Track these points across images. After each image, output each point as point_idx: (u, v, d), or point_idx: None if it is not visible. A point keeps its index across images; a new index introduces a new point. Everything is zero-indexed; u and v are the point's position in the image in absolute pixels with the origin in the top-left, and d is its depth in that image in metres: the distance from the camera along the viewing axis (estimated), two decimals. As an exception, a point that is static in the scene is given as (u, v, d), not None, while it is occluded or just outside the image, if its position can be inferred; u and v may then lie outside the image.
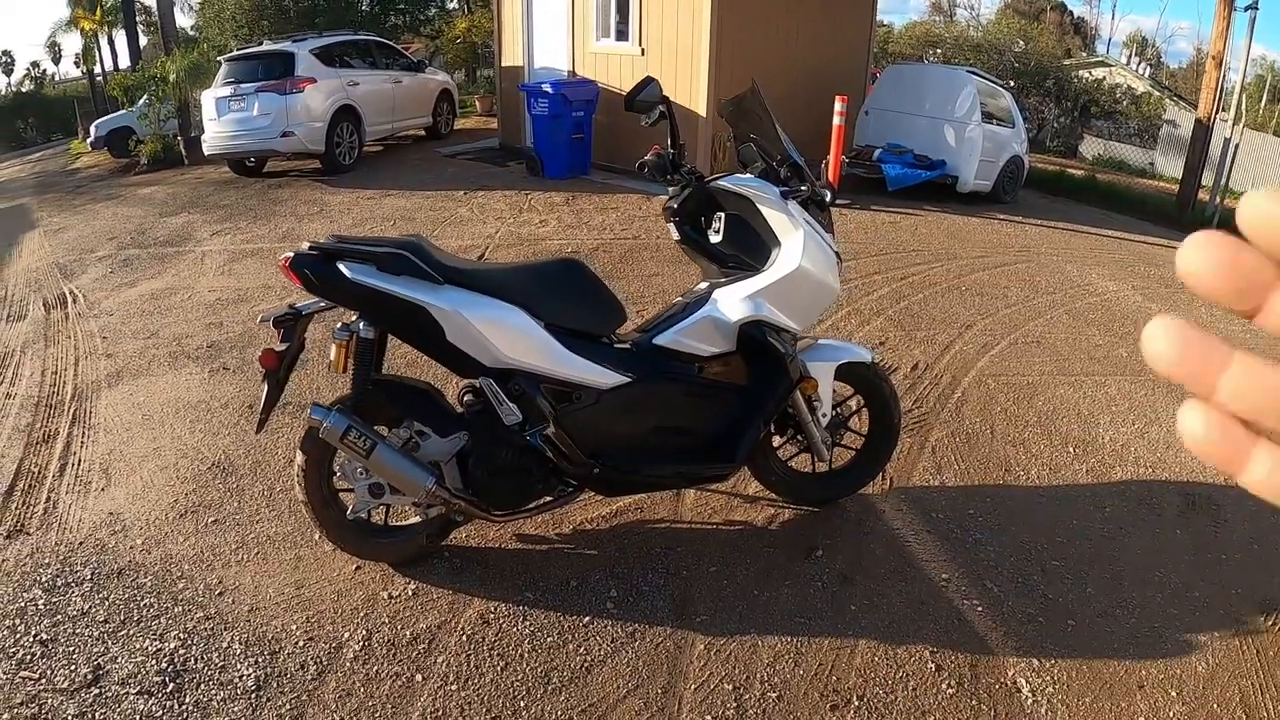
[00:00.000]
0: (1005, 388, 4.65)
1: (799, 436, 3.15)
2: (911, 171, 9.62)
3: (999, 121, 10.17)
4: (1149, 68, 31.72)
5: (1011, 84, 16.69)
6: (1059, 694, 2.48)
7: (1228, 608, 2.93)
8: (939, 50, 22.81)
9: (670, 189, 2.95)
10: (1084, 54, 28.23)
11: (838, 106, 8.73)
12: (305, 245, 2.57)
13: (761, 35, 9.68)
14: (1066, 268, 7.45)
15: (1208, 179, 11.73)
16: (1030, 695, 2.47)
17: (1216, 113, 11.58)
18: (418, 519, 2.89)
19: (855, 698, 2.43)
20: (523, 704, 2.38)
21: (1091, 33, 38.33)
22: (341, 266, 2.51)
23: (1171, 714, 2.44)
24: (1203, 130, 11.56)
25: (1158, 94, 21.54)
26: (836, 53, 10.92)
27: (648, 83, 2.79)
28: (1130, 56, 29.69)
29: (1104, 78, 21.56)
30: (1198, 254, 0.31)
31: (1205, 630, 2.80)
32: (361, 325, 2.62)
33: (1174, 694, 2.51)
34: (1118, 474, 3.83)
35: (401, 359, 4.22)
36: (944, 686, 2.49)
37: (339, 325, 2.65)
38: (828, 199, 3.04)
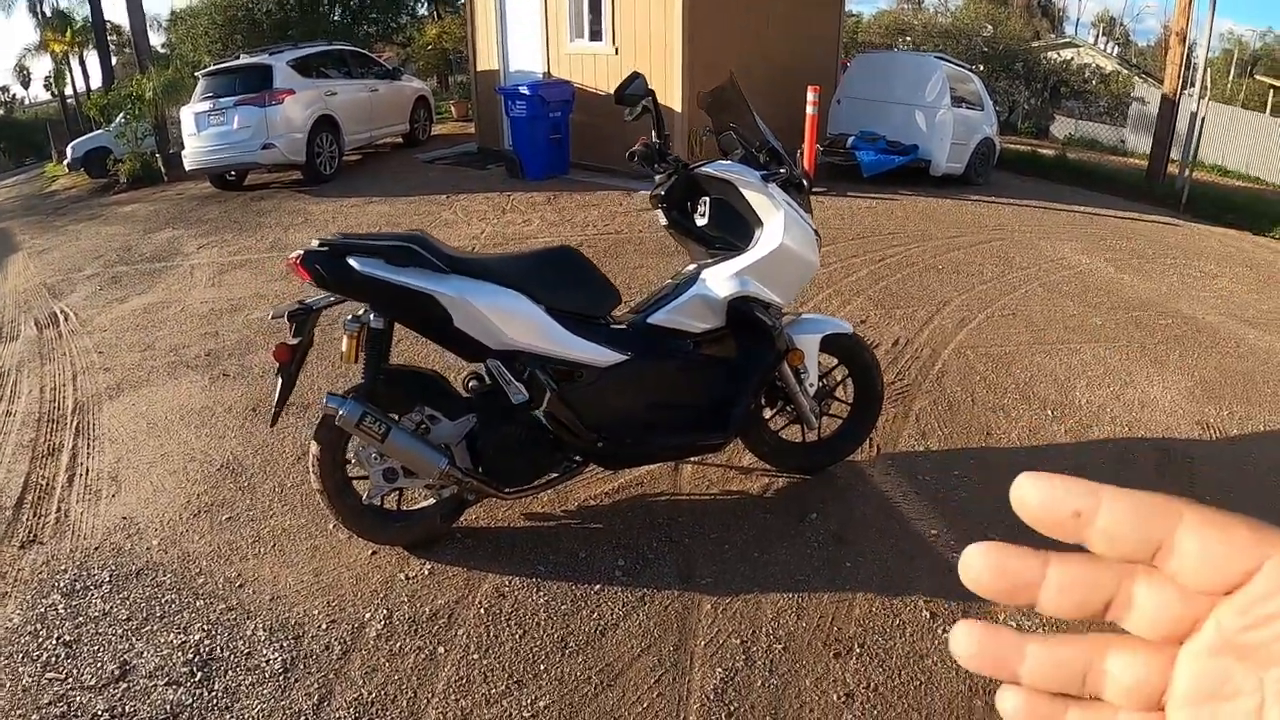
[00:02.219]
0: (984, 358, 4.82)
1: (789, 407, 3.30)
2: (885, 157, 9.80)
3: (969, 105, 10.36)
4: (1117, 47, 32.09)
5: (981, 68, 16.94)
6: (1048, 633, 2.62)
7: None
8: (908, 38, 23.04)
9: (657, 178, 3.10)
10: (1052, 36, 28.54)
11: (810, 96, 8.89)
12: (315, 242, 2.68)
13: (732, 29, 9.82)
14: (1040, 244, 7.64)
15: (1176, 153, 11.96)
16: (1021, 634, 2.62)
17: (1182, 88, 11.81)
18: (430, 502, 3.01)
19: (856, 645, 2.58)
20: (543, 667, 2.51)
21: (1059, 14, 38.63)
22: (351, 261, 2.63)
23: (1152, 648, 2.59)
24: (1169, 106, 11.79)
25: (1126, 72, 21.84)
26: (807, 43, 11.07)
27: (635, 78, 2.95)
28: (1098, 36, 30.07)
29: (1072, 58, 21.85)
30: (977, 561, 0.36)
31: (1183, 572, 2.96)
32: (371, 316, 2.74)
33: (1155, 631, 2.67)
34: (1095, 433, 4.00)
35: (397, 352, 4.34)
36: (939, 631, 2.64)
37: (349, 317, 2.76)
38: (805, 182, 3.20)
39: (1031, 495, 0.35)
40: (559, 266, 2.92)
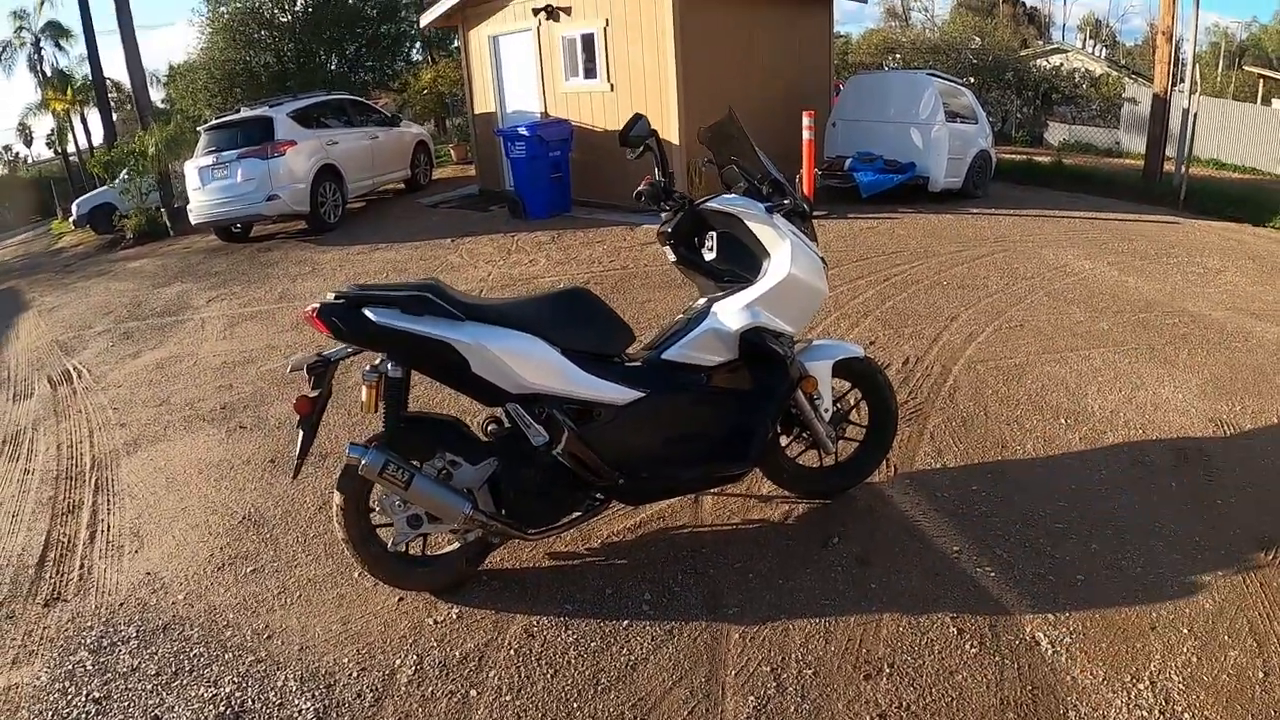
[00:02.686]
0: (994, 371, 4.83)
1: (805, 434, 3.33)
2: (883, 177, 9.86)
3: (962, 119, 10.43)
4: (1105, 49, 32.32)
5: (972, 80, 17.06)
6: (1077, 643, 2.64)
7: (1228, 548, 3.11)
8: (898, 55, 23.22)
9: (663, 215, 3.15)
10: (1040, 43, 28.76)
11: (805, 121, 8.98)
12: (330, 295, 2.72)
13: (725, 60, 9.94)
14: (1042, 252, 7.67)
15: (1172, 150, 12.00)
16: (1049, 647, 2.63)
17: (1173, 85, 11.88)
18: (454, 546, 3.03)
19: (886, 666, 2.59)
20: (576, 705, 2.51)
21: (1045, 21, 39.01)
22: (367, 312, 2.67)
23: (1185, 649, 2.60)
24: (1161, 104, 11.86)
25: (1115, 74, 21.95)
26: (800, 69, 11.19)
27: (637, 119, 3.01)
28: (1085, 40, 30.25)
29: (1061, 64, 21.97)
30: None
31: (1209, 571, 2.98)
32: (389, 366, 2.78)
33: (1186, 631, 2.68)
34: (1109, 439, 4.01)
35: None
36: (967, 647, 2.64)
37: (367, 368, 2.80)
38: (808, 210, 3.25)
39: None
40: (572, 307, 2.96)
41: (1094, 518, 3.33)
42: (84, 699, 2.72)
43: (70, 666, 2.89)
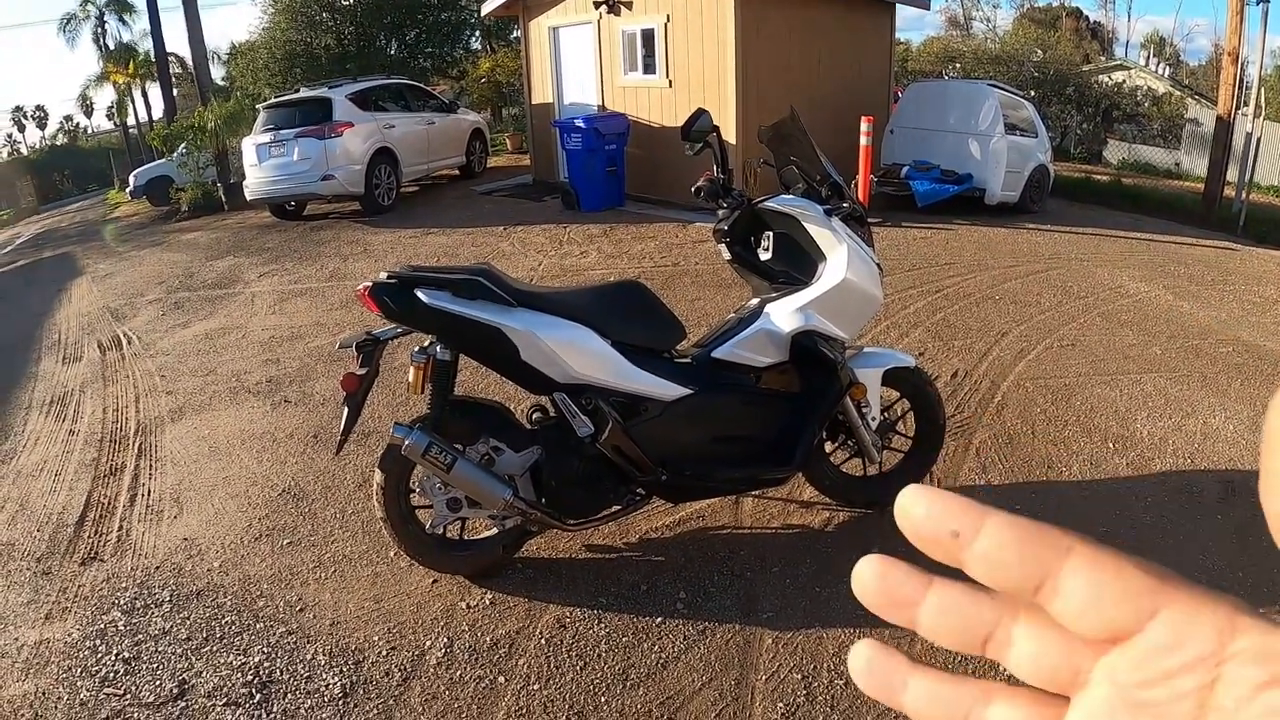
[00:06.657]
0: (1043, 390, 4.74)
1: (850, 441, 3.28)
2: (939, 187, 9.72)
3: (1022, 132, 10.25)
4: (1168, 67, 31.59)
5: (1032, 93, 16.77)
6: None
7: (1271, 587, 3.00)
8: (958, 65, 22.90)
9: (720, 212, 3.13)
10: (1102, 58, 28.22)
11: (863, 127, 8.88)
12: (383, 275, 2.74)
13: (785, 62, 9.85)
14: (1097, 272, 7.51)
15: (1233, 175, 11.71)
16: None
17: (1237, 108, 11.58)
18: (492, 532, 3.03)
19: (919, 681, 2.53)
20: (603, 699, 2.50)
21: (1109, 36, 38.31)
22: (419, 293, 2.68)
23: (1225, 691, 2.52)
24: (1224, 127, 11.55)
25: (1178, 93, 21.46)
26: (859, 74, 11.05)
27: (700, 114, 2.98)
28: (1149, 57, 29.59)
29: (1124, 80, 21.50)
30: (866, 571, 0.35)
31: (1252, 611, 2.88)
32: (438, 348, 2.79)
33: (1224, 670, 2.59)
34: (1157, 466, 3.90)
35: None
36: (1002, 667, 2.57)
37: (416, 349, 2.80)
38: (866, 215, 3.20)
39: (915, 508, 0.33)
40: (625, 300, 2.95)
41: (1137, 546, 3.22)
42: (114, 658, 2.77)
43: (102, 625, 2.95)
